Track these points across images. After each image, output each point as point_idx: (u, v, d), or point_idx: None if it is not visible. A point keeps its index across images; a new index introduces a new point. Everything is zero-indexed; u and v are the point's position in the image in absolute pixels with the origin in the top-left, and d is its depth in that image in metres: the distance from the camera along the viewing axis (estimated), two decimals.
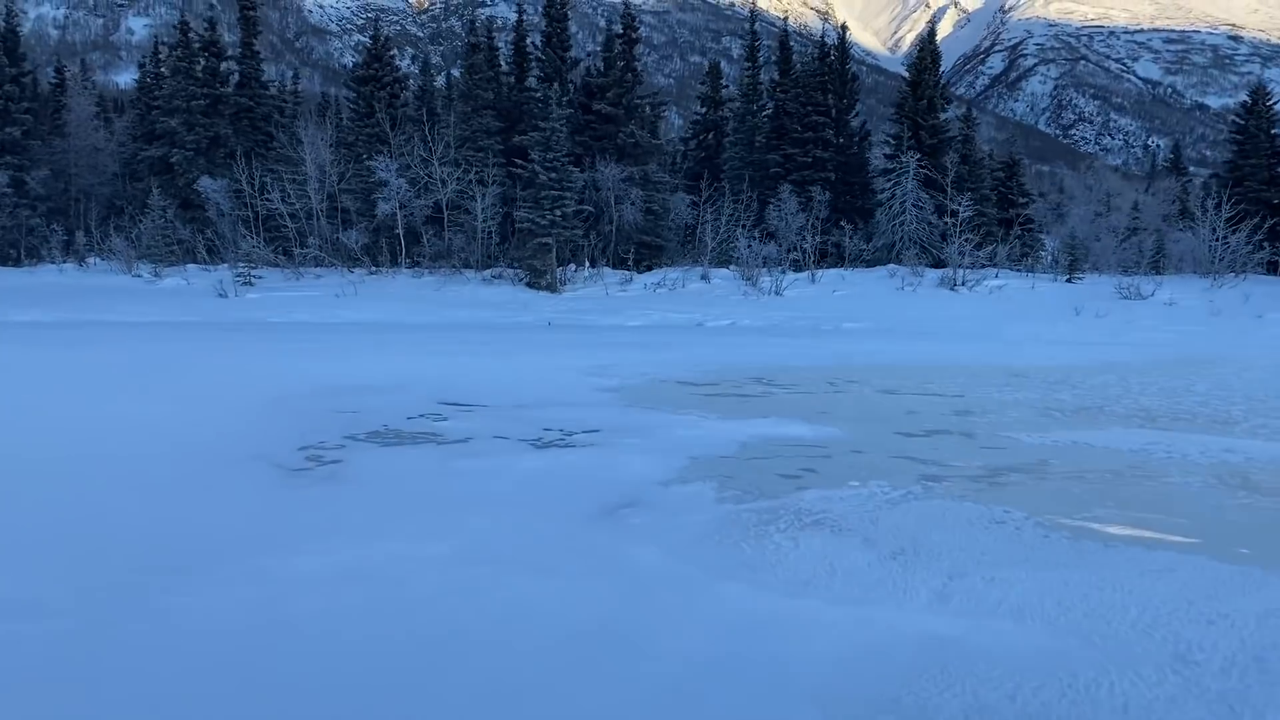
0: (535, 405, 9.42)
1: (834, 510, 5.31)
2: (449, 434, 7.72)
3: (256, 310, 24.11)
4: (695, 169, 39.87)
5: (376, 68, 33.15)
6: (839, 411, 9.38)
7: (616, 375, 12.05)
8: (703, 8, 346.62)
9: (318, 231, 31.05)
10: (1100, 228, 37.92)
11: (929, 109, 35.05)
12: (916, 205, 33.13)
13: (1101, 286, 30.60)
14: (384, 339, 17.66)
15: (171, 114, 33.11)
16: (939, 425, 8.55)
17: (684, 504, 5.46)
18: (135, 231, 30.50)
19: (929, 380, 12.19)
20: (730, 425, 8.30)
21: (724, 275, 31.32)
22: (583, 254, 31.98)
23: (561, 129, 28.76)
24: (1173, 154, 59.13)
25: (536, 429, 8.00)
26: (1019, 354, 17.21)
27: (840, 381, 11.98)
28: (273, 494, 5.64)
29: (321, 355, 14.19)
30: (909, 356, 15.99)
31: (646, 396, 10.24)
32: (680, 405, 9.55)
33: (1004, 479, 6.26)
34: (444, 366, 12.86)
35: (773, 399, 10.30)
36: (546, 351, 15.55)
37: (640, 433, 7.86)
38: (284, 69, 55.43)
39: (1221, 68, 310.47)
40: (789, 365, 14.04)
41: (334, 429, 7.83)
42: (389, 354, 14.45)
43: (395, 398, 9.78)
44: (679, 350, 16.13)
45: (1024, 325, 24.91)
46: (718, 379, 12.00)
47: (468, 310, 25.84)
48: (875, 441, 7.64)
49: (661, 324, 25.08)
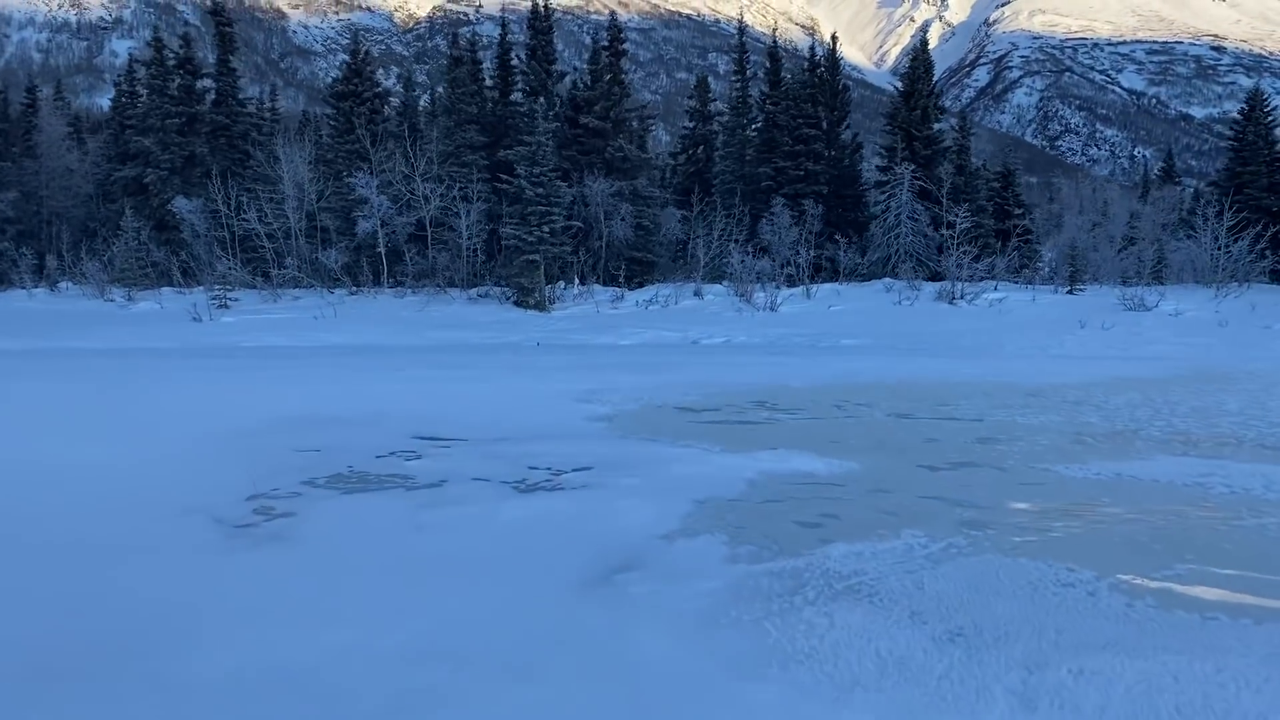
0: (521, 438, 8.59)
1: (868, 571, 4.49)
2: (422, 476, 6.88)
3: (231, 334, 23.21)
4: (685, 184, 39.19)
5: (356, 83, 32.38)
6: (851, 440, 8.58)
7: (609, 401, 11.25)
8: (688, 24, 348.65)
9: (296, 252, 30.17)
10: (1098, 238, 37.39)
11: (923, 119, 34.50)
12: (912, 217, 32.51)
13: (1103, 298, 30.04)
14: (362, 363, 16.80)
15: (145, 133, 32.23)
16: (964, 456, 7.75)
17: (692, 564, 4.63)
18: (108, 254, 29.54)
19: (942, 402, 11.41)
20: (735, 460, 7.48)
21: (717, 291, 30.58)
22: (572, 271, 31.21)
23: (548, 143, 28.03)
24: (1165, 163, 58.85)
25: (521, 467, 7.17)
26: (1029, 370, 16.46)
27: (848, 404, 11.19)
28: (201, 562, 4.78)
29: (293, 382, 13.32)
30: (914, 375, 15.22)
31: (643, 425, 9.42)
32: (679, 435, 8.73)
33: (1056, 525, 5.45)
34: (423, 393, 12.02)
35: (778, 426, 9.49)
36: (534, 375, 14.72)
37: (637, 470, 7.03)
38: (265, 88, 54.75)
39: (1205, 78, 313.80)
40: (790, 386, 13.26)
41: (292, 471, 6.99)
42: (365, 380, 13.59)
43: (366, 432, 8.94)
44: (674, 371, 15.32)
45: (1027, 339, 24.24)
46: (718, 403, 11.20)
47: (452, 331, 25.00)
48: (898, 477, 6.83)
49: (654, 342, 24.29)
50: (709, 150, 41.76)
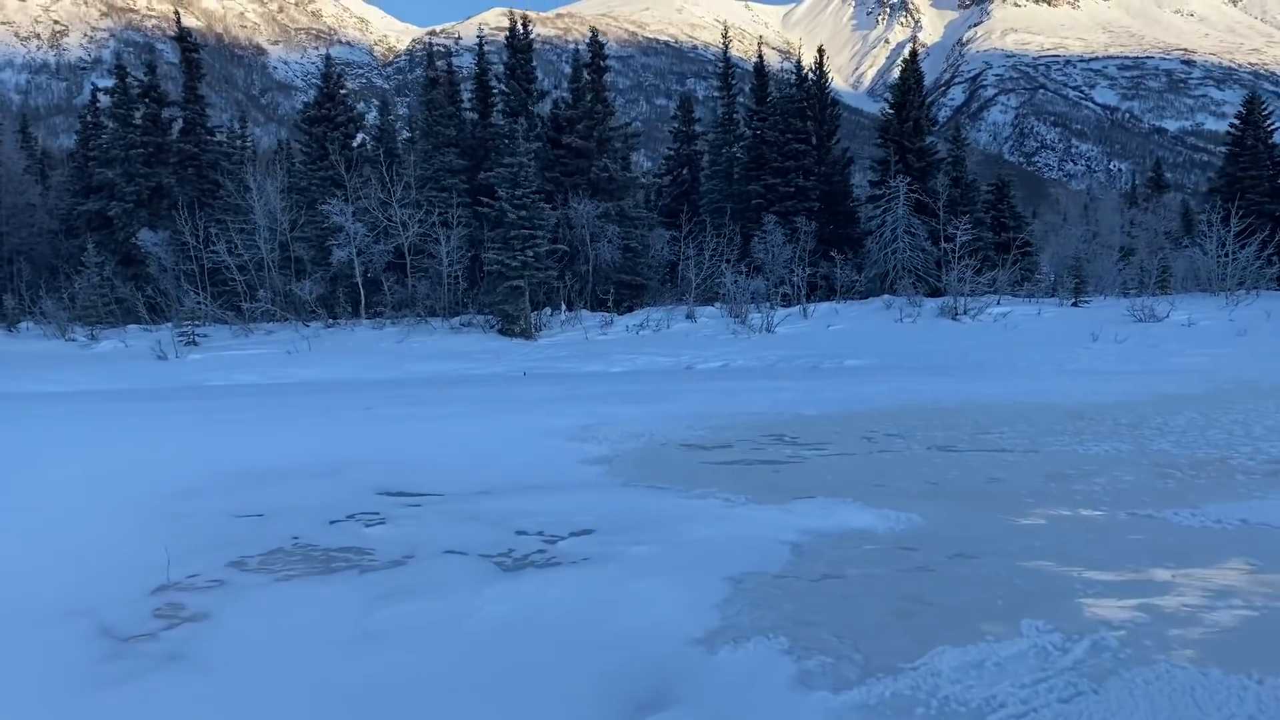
0: (506, 489, 7.24)
1: (1004, 697, 3.15)
2: (382, 549, 5.50)
3: (197, 373, 21.73)
4: (672, 205, 38.09)
5: (329, 107, 31.12)
6: (899, 482, 7.26)
7: (606, 438, 9.91)
8: (666, 51, 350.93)
9: (269, 284, 28.73)
10: (1095, 249, 36.45)
11: (915, 132, 33.55)
12: (909, 232, 31.43)
13: (1110, 309, 28.98)
14: (332, 401, 15.38)
15: (109, 164, 30.80)
16: (1042, 499, 6.44)
17: (749, 693, 3.28)
18: (69, 291, 28.01)
19: (981, 429, 10.12)
20: (768, 514, 6.14)
21: (710, 313, 29.33)
22: (558, 296, 29.90)
23: (530, 163, 26.80)
24: (1154, 172, 58.31)
25: (506, 533, 5.81)
26: (1056, 389, 15.22)
27: (877, 435, 9.88)
28: (55, 706, 3.38)
29: (252, 426, 11.90)
30: (935, 397, 13.93)
31: (648, 468, 8.08)
32: (694, 481, 7.39)
33: (1223, 608, 4.11)
34: (396, 436, 10.63)
35: (807, 466, 8.16)
36: (521, 409, 13.35)
37: (649, 532, 5.69)
38: (234, 114, 53.64)
39: (1176, 91, 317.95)
40: (805, 415, 11.93)
41: (222, 547, 5.61)
42: (332, 422, 12.17)
43: (324, 487, 7.57)
44: (674, 400, 13.98)
45: (1040, 354, 23.04)
46: (729, 438, 9.89)
47: (434, 363, 23.59)
48: (977, 534, 5.50)
49: (648, 369, 22.97)
50: (694, 171, 40.78)
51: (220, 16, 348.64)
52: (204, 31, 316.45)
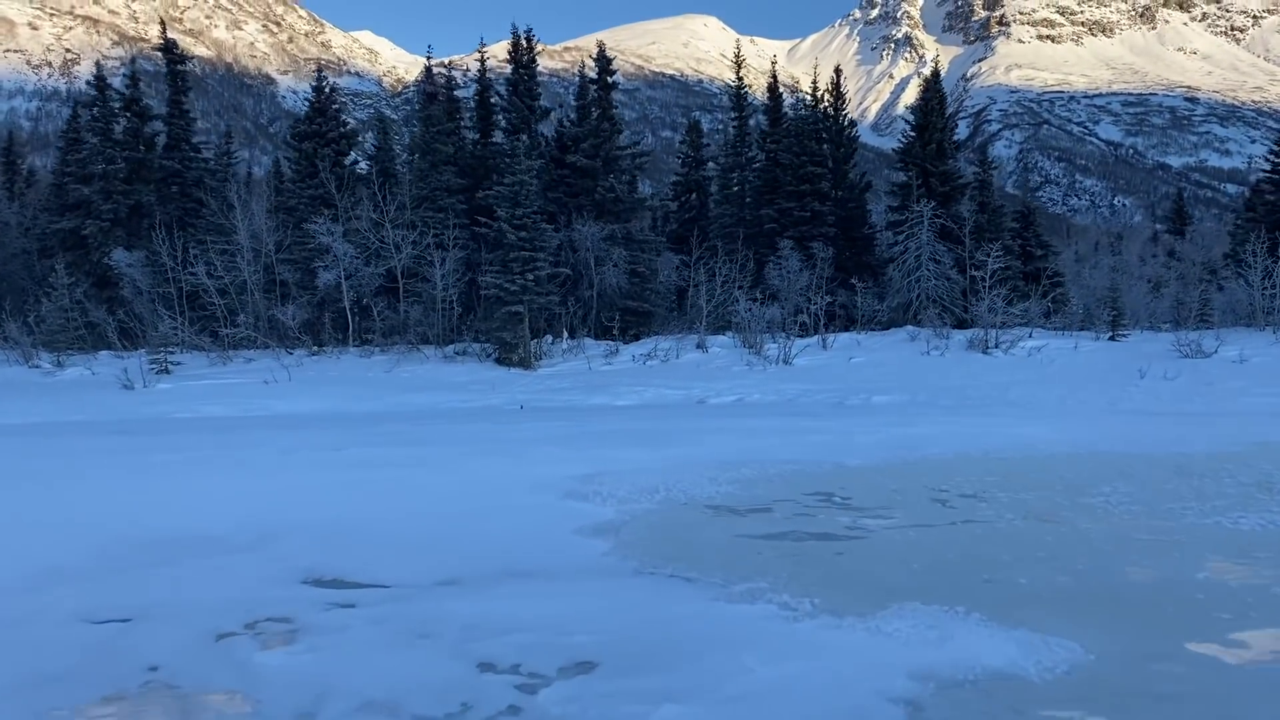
0: (475, 580, 5.31)
1: None
2: (269, 701, 3.55)
3: (163, 404, 19.82)
4: (679, 231, 36.37)
5: (320, 122, 29.47)
6: (1013, 574, 5.30)
7: (612, 495, 7.99)
8: (672, 84, 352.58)
9: (252, 308, 26.87)
10: (1128, 280, 34.59)
11: (938, 154, 31.85)
12: (934, 259, 29.59)
13: (1151, 344, 27.08)
14: (300, 440, 13.45)
15: (87, 180, 29.08)
16: (1244, 618, 4.46)
17: None
18: (34, 314, 26.14)
19: (1075, 488, 8.19)
20: (854, 638, 4.19)
21: (723, 343, 27.41)
22: (560, 323, 28.02)
23: (531, 181, 25.03)
24: (1176, 203, 56.63)
25: (465, 669, 3.89)
26: (1126, 434, 13.25)
27: (948, 495, 7.94)
28: None
29: (187, 473, 9.94)
30: (991, 443, 11.95)
31: (669, 544, 6.15)
32: (732, 568, 5.45)
33: None
34: (356, 489, 8.68)
35: (876, 543, 6.22)
36: (513, 451, 11.41)
37: (680, 674, 3.76)
38: (220, 125, 52.31)
39: (1180, 128, 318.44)
40: (848, 465, 9.99)
41: (36, 687, 3.67)
42: (286, 467, 10.21)
43: (235, 568, 5.65)
44: (689, 442, 12.03)
45: (1087, 392, 21.08)
46: (764, 496, 7.96)
47: (424, 394, 21.67)
48: (1193, 689, 3.53)
49: (656, 402, 21.04)
50: (703, 197, 39.24)
51: (230, 46, 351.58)
52: (214, 61, 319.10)
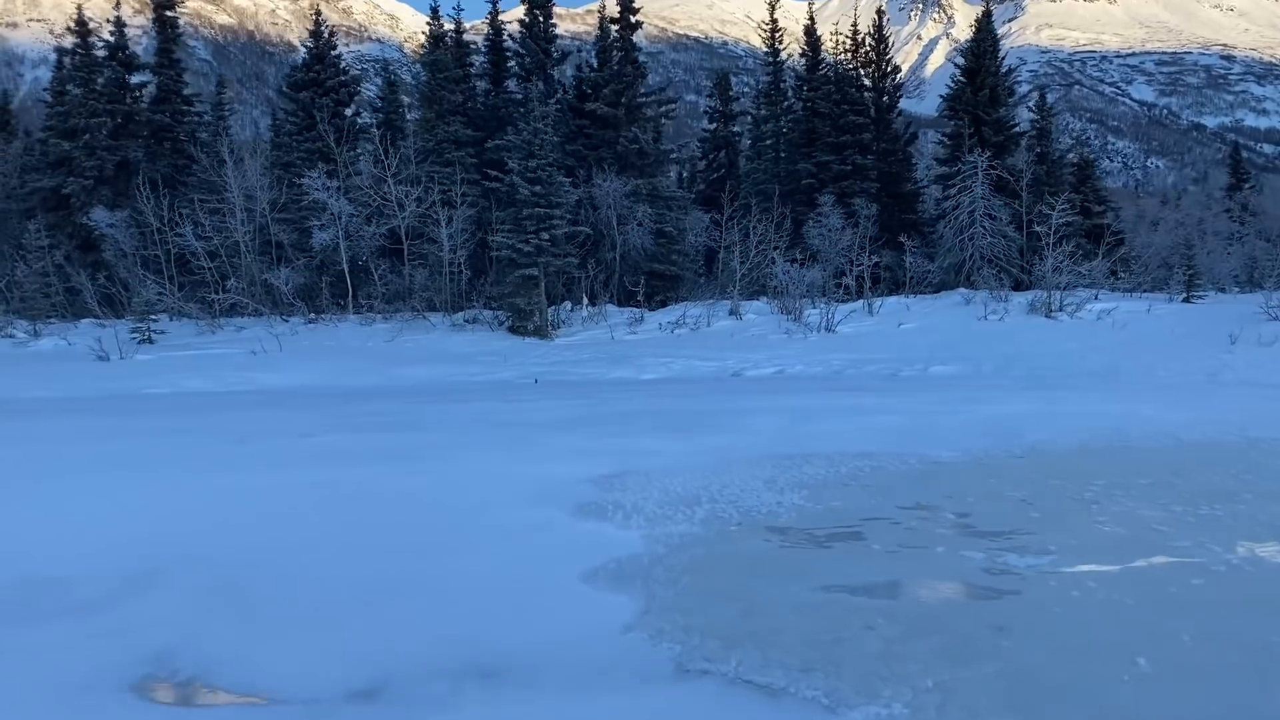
0: (405, 691, 3.05)
1: None
2: None
3: (138, 377, 17.74)
4: (708, 192, 33.80)
5: (318, 70, 27.08)
6: None
7: (638, 510, 5.74)
8: (696, 47, 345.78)
9: (245, 272, 24.70)
10: (1196, 235, 31.72)
11: (991, 101, 29.02)
12: (989, 215, 26.90)
13: (1230, 306, 24.48)
14: (264, 423, 11.28)
15: (69, 135, 26.93)
16: None
17: None
18: (7, 280, 24.13)
19: (1263, 493, 5.81)
20: None
21: (758, 309, 25.01)
22: (579, 288, 25.66)
23: (547, 129, 22.59)
24: (1232, 160, 53.16)
25: None
26: (1270, 413, 10.83)
27: (1105, 506, 5.59)
28: None
29: (102, 469, 7.73)
30: (1102, 424, 9.55)
31: (722, 605, 3.88)
32: (831, 659, 3.14)
33: None
34: (295, 497, 6.44)
35: (1043, 603, 3.89)
36: (518, 439, 9.16)
37: None
38: (212, 79, 50.06)
39: (1216, 87, 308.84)
40: (940, 460, 7.65)
41: None
42: (228, 464, 7.94)
43: (45, 647, 3.44)
44: (729, 427, 9.72)
45: (1176, 360, 18.55)
46: (846, 509, 5.72)
47: (427, 366, 19.47)
48: None
49: (686, 375, 18.74)
50: (732, 154, 36.62)
51: (252, 14, 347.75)
52: (235, 29, 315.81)
